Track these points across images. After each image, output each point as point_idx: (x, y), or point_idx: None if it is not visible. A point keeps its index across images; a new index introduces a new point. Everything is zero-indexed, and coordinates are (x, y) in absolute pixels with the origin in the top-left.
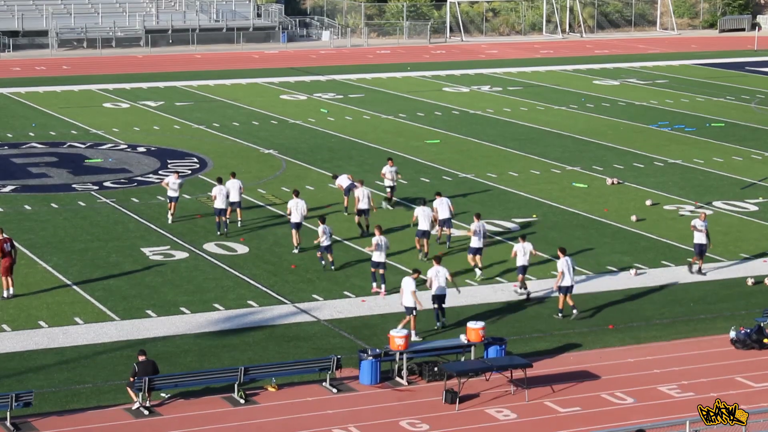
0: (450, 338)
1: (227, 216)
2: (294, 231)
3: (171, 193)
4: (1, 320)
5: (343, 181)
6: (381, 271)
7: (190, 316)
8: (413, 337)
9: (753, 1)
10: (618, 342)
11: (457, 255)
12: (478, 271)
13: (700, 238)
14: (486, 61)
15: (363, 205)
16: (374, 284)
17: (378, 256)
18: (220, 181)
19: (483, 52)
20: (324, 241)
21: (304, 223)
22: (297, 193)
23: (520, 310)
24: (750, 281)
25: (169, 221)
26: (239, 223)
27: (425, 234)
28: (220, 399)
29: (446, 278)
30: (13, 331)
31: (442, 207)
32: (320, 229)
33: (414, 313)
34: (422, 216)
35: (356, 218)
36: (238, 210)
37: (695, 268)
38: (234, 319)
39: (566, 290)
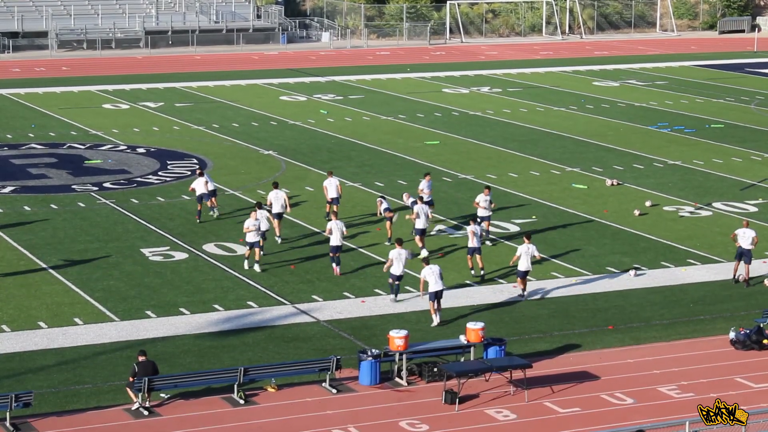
0: (450, 339)
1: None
2: (276, 221)
3: (251, 238)
4: (1, 320)
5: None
6: (337, 254)
7: (190, 317)
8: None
9: (753, 3)
10: (618, 342)
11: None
12: (424, 252)
13: (744, 244)
14: (486, 63)
15: (333, 194)
16: (335, 267)
17: (335, 240)
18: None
19: (483, 53)
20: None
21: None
22: (276, 185)
23: (519, 310)
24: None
25: (258, 269)
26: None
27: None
28: (220, 399)
29: (406, 259)
30: (13, 331)
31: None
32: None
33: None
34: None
35: (327, 207)
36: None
37: (741, 277)
38: (234, 319)
39: (524, 274)
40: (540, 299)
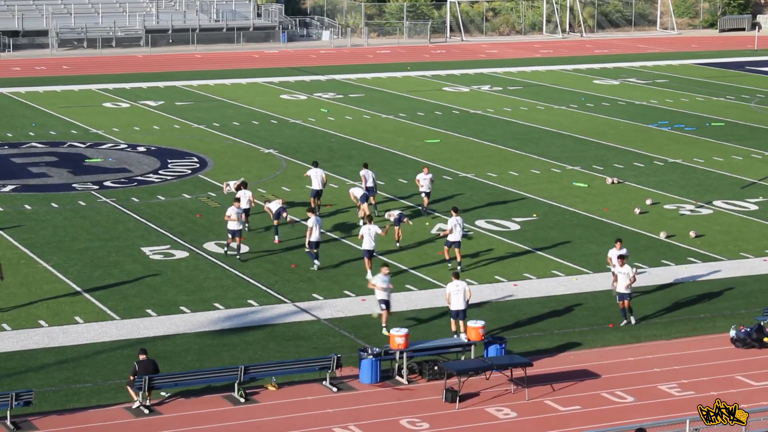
0: (450, 337)
1: None
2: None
3: (233, 226)
4: (1, 319)
5: (273, 205)
6: (276, 222)
7: (191, 315)
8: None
9: (753, 1)
10: (618, 341)
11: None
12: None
13: None
14: (486, 61)
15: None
16: (276, 237)
17: (275, 205)
18: None
19: (483, 51)
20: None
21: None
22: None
23: (520, 309)
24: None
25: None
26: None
27: (318, 194)
28: (221, 398)
29: (377, 233)
30: (13, 330)
31: (368, 176)
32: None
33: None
34: (314, 178)
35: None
36: None
37: None
38: (234, 318)
39: (453, 244)
40: (539, 297)
